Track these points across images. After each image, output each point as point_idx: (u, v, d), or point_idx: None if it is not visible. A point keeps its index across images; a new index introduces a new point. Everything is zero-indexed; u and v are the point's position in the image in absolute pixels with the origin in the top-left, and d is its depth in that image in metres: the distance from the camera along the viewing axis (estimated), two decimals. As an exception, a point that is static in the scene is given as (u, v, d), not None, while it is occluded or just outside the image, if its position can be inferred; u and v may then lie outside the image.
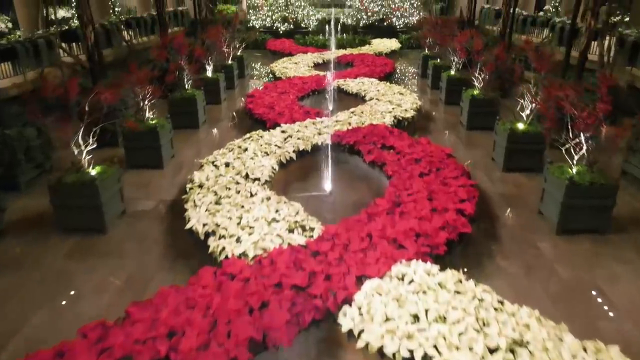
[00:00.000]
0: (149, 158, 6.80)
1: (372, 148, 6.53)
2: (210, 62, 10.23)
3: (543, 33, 14.39)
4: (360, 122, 7.64)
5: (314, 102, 10.08)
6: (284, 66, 12.61)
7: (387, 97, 9.17)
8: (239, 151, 6.46)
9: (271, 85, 10.19)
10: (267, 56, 16.82)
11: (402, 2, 18.46)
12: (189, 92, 8.64)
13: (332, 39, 17.32)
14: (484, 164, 6.99)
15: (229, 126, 8.94)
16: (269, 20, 18.91)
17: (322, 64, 13.89)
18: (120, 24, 13.70)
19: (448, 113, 9.65)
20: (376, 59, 13.51)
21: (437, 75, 11.37)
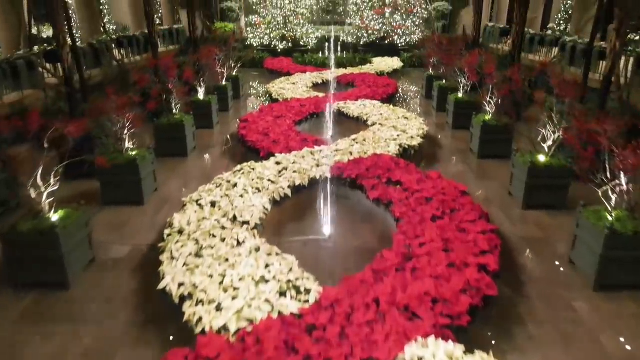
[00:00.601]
0: (127, 193, 6.11)
1: (376, 183, 5.84)
2: (202, 84, 9.60)
3: (552, 52, 13.81)
4: (363, 152, 6.97)
5: (313, 126, 9.43)
6: (281, 87, 11.99)
7: (391, 122, 8.51)
8: (227, 186, 5.76)
9: (267, 109, 9.54)
10: (264, 75, 16.24)
11: (404, 20, 17.94)
12: (176, 117, 7.98)
13: (331, 57, 16.78)
14: (500, 199, 6.29)
15: (220, 154, 8.25)
16: (266, 39, 18.38)
17: (321, 85, 13.28)
18: (110, 43, 13.13)
19: (456, 139, 8.98)
20: (378, 79, 12.90)
21: (443, 97, 10.74)
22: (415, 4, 18.05)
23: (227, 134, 9.39)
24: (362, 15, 18.20)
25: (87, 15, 12.99)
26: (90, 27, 13.08)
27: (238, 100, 12.40)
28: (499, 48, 17.12)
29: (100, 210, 5.97)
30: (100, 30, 13.60)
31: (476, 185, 6.74)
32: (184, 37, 19.96)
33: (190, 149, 8.18)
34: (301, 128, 9.17)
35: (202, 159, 8.03)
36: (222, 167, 7.46)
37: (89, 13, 12.96)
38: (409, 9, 17.88)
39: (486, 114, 7.91)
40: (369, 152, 6.95)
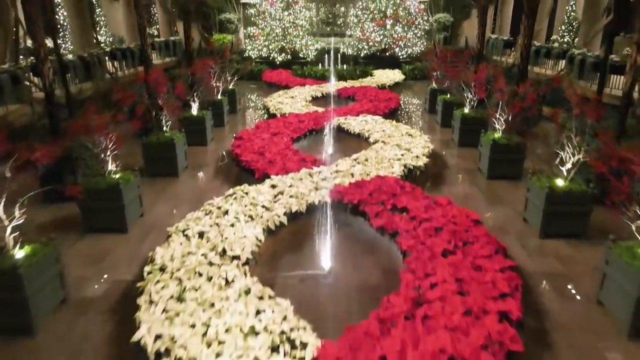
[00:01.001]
0: (109, 220, 5.62)
1: (380, 210, 5.36)
2: (196, 99, 9.16)
3: (558, 65, 13.41)
4: (365, 173, 6.49)
5: (311, 144, 8.97)
6: (279, 101, 11.55)
7: (394, 140, 8.05)
8: (217, 213, 5.27)
9: (263, 125, 9.08)
10: (262, 88, 15.84)
11: (405, 32, 17.58)
12: (167, 134, 7.52)
13: (331, 70, 16.38)
14: (515, 227, 5.80)
15: (214, 174, 7.76)
16: (265, 51, 18.00)
17: (321, 98, 12.85)
18: (103, 55, 12.73)
19: (463, 157, 8.50)
20: (379, 92, 12.47)
21: (447, 112, 10.30)
22: (416, 16, 17.69)
23: (222, 151, 8.92)
24: (363, 26, 17.84)
25: (79, 27, 12.59)
26: (82, 40, 12.67)
27: (234, 115, 11.95)
28: (503, 60, 16.76)
29: (79, 239, 5.47)
30: (92, 42, 13.17)
31: (487, 210, 6.25)
32: (181, 49, 19.63)
33: (182, 169, 7.70)
34: (299, 146, 8.71)
35: (193, 179, 7.55)
36: (214, 189, 6.99)
37: (80, 25, 12.56)
38: (410, 20, 17.52)
39: (495, 132, 7.45)
40: (372, 173, 6.47)
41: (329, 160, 7.64)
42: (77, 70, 10.92)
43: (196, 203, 6.22)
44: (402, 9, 17.35)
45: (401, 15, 17.33)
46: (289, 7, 17.60)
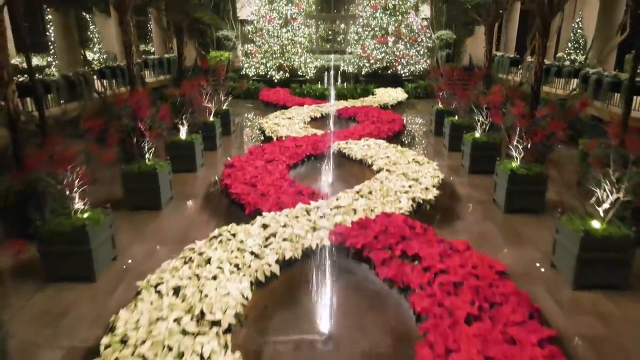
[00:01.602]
0: (75, 267, 4.86)
1: (387, 256, 4.61)
2: (185, 122, 8.47)
3: (569, 84, 12.77)
4: (369, 209, 5.76)
5: (309, 171, 8.25)
6: (276, 122, 10.87)
7: (400, 168, 7.34)
8: (199, 261, 4.53)
9: (257, 150, 8.37)
10: (259, 107, 15.20)
11: (408, 49, 17.00)
12: (149, 163, 6.80)
13: (331, 88, 15.77)
14: (542, 274, 5.05)
15: (201, 206, 7.01)
16: (262, 68, 17.40)
17: (320, 119, 12.19)
18: (91, 74, 12.08)
19: (476, 186, 7.78)
20: (382, 113, 11.80)
21: (456, 135, 9.61)
22: (419, 33, 17.13)
23: (212, 178, 8.19)
24: (364, 44, 17.27)
25: (66, 45, 11.97)
26: (69, 58, 12.03)
27: (228, 137, 11.26)
28: (509, 78, 16.16)
29: (38, 290, 4.71)
30: (80, 60, 12.55)
31: (509, 253, 5.50)
32: (176, 66, 19.09)
33: (165, 201, 6.96)
34: (296, 173, 8.01)
35: (178, 213, 6.80)
36: (201, 224, 6.26)
37: (67, 42, 11.94)
38: (413, 37, 16.96)
39: (512, 161, 6.73)
40: (377, 209, 5.74)
41: (328, 191, 6.93)
42: (60, 90, 10.25)
43: (178, 242, 5.51)
44: (404, 25, 16.78)
45: (403, 33, 16.76)
46: (287, 24, 17.05)
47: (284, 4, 16.81)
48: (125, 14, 8.49)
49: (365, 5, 17.38)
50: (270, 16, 16.87)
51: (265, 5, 17.00)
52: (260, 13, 17.11)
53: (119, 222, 6.26)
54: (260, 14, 17.08)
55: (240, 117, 14.06)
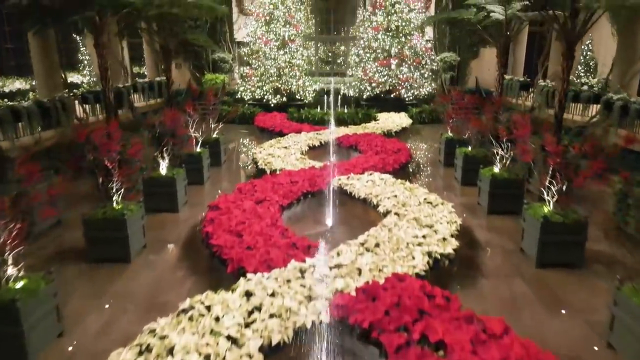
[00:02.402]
0: (3, 352, 3.82)
1: (403, 342, 3.56)
2: (165, 155, 7.50)
3: (588, 110, 11.86)
4: (376, 268, 4.74)
5: (305, 213, 7.26)
6: (270, 153, 9.90)
7: (411, 210, 6.33)
8: (158, 350, 3.47)
9: (247, 188, 7.37)
10: (254, 133, 14.28)
11: (411, 72, 16.16)
12: (117, 207, 5.79)
13: (331, 113, 14.87)
14: (592, 351, 3.99)
15: (178, 259, 5.96)
16: (259, 92, 16.52)
17: (319, 148, 11.23)
18: (71, 99, 11.18)
19: (497, 231, 6.75)
20: (386, 141, 10.84)
21: (469, 168, 8.65)
22: (423, 55, 16.31)
23: (195, 219, 7.17)
24: (365, 66, 16.44)
25: (44, 69, 11.07)
26: (48, 82, 11.12)
27: (218, 169, 10.27)
28: (519, 102, 15.29)
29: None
30: (60, 84, 11.65)
31: (550, 325, 4.45)
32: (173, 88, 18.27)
33: (136, 251, 5.93)
34: (290, 215, 7.01)
35: (150, 267, 5.73)
36: (174, 284, 5.23)
37: (46, 66, 11.04)
38: (417, 60, 16.13)
39: (544, 205, 5.73)
40: (386, 269, 4.71)
41: (327, 239, 5.92)
42: (32, 118, 9.30)
43: (145, 310, 4.55)
44: (407, 47, 15.97)
45: (407, 55, 15.93)
46: (285, 46, 16.24)
47: (281, 26, 16.02)
48: (101, 35, 7.61)
49: (367, 27, 16.61)
50: (266, 38, 16.06)
51: (262, 27, 16.21)
52: (256, 35, 16.31)
53: (75, 281, 5.27)
54: (257, 35, 16.28)
55: (234, 143, 13.12)
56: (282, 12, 16.02)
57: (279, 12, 15.98)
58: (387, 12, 16.02)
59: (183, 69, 21.01)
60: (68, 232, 6.63)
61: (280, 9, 16.00)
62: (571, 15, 7.85)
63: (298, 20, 16.49)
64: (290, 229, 5.90)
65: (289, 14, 16.17)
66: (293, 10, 16.28)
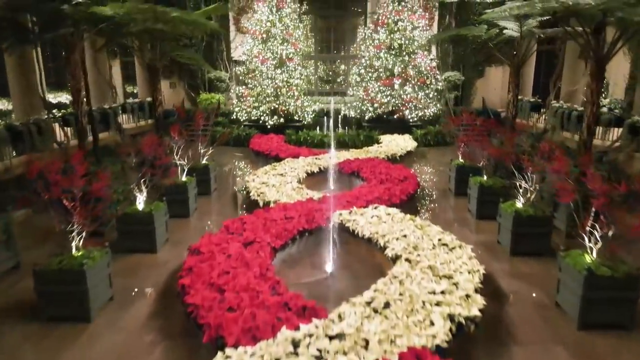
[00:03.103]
0: None
1: None
2: (143, 189, 6.60)
3: (609, 134, 11.02)
4: (388, 339, 3.80)
5: (301, 257, 6.34)
6: (264, 181, 8.99)
7: (424, 255, 5.40)
8: None
9: (235, 225, 6.45)
10: (249, 157, 13.42)
11: (416, 92, 15.36)
12: (76, 256, 4.87)
13: (331, 136, 14.04)
14: None
15: (150, 316, 5.02)
16: (255, 113, 15.70)
17: (318, 174, 10.33)
18: (50, 122, 10.34)
19: (525, 279, 5.80)
20: (391, 168, 9.95)
21: (486, 200, 7.78)
22: (427, 74, 15.54)
23: (176, 261, 6.24)
24: (367, 86, 15.65)
25: (21, 89, 10.24)
26: (24, 103, 10.28)
27: (208, 198, 9.37)
28: (530, 124, 14.48)
29: None
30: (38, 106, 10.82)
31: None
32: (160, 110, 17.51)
33: (99, 307, 4.99)
34: (284, 257, 6.09)
35: (112, 330, 4.75)
36: (140, 352, 4.29)
37: (22, 86, 10.22)
38: (421, 79, 15.35)
39: (585, 253, 4.81)
40: (400, 340, 3.77)
41: (326, 292, 5.00)
42: (2, 143, 8.44)
43: None
44: (411, 66, 15.20)
45: (411, 75, 15.15)
46: (283, 65, 15.47)
47: (278, 44, 15.28)
48: (73, 52, 6.77)
49: (368, 45, 15.88)
50: (263, 56, 15.31)
51: (259, 45, 15.46)
52: (252, 53, 15.56)
53: (22, 345, 4.32)
54: (253, 53, 15.53)
55: (228, 167, 12.25)
56: (280, 30, 15.30)
57: (276, 29, 15.26)
58: (389, 29, 15.29)
59: (178, 89, 20.29)
60: (25, 279, 5.69)
61: (278, 26, 15.28)
62: (595, 32, 7.06)
63: (296, 38, 15.76)
64: (284, 278, 4.98)
65: (287, 31, 15.44)
66: (291, 28, 15.56)
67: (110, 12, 6.87)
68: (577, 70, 13.69)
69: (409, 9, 15.29)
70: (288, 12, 15.51)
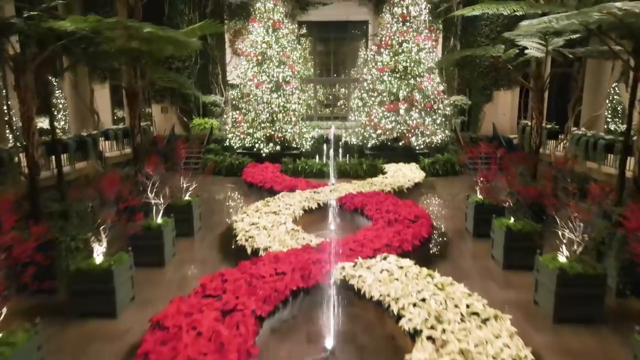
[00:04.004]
0: None
1: None
2: (102, 239, 5.41)
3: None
4: None
5: (295, 326, 5.11)
6: (254, 222, 7.79)
7: (451, 331, 4.18)
8: None
9: (214, 285, 5.22)
10: (242, 189, 12.27)
11: (422, 118, 14.27)
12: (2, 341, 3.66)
13: (331, 165, 12.92)
14: None
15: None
16: (249, 140, 14.59)
17: (316, 211, 9.14)
18: (16, 151, 9.22)
19: (580, 357, 4.57)
20: (399, 204, 8.75)
21: (515, 246, 6.64)
22: (435, 98, 14.49)
23: (141, 328, 4.99)
24: (370, 111, 14.57)
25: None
26: None
27: (190, 240, 8.17)
28: (547, 152, 13.35)
29: None
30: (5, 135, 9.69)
31: None
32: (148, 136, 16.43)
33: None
34: (273, 326, 4.88)
35: None
36: None
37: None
38: (428, 104, 14.29)
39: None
40: None
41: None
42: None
43: None
44: (417, 90, 14.15)
45: (417, 99, 14.10)
46: (279, 89, 14.43)
47: (274, 66, 14.26)
48: (23, 75, 5.66)
49: (371, 68, 14.87)
50: (258, 80, 14.27)
51: (254, 67, 14.44)
52: (247, 75, 14.53)
53: None
54: (248, 76, 14.50)
55: (218, 200, 11.07)
56: (276, 52, 14.30)
57: (272, 51, 14.26)
58: (394, 51, 14.31)
59: (170, 113, 19.23)
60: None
61: (274, 47, 14.28)
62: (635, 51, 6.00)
63: (294, 60, 14.76)
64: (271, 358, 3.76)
65: (284, 53, 14.44)
66: (288, 50, 14.57)
67: (72, 26, 5.79)
68: (598, 93, 12.63)
69: (415, 29, 14.33)
70: (285, 32, 14.55)
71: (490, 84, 17.95)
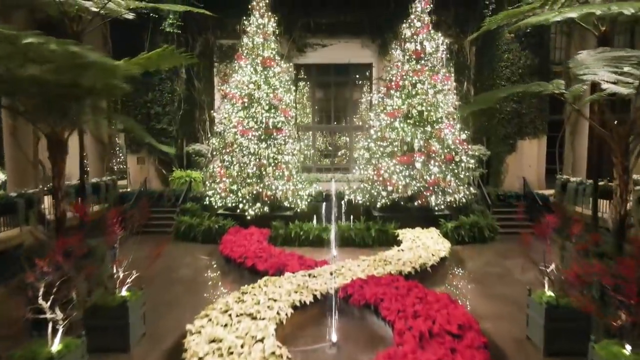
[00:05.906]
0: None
1: None
2: None
3: None
4: None
5: None
6: (216, 336, 5.10)
7: None
8: None
9: None
10: (217, 263, 9.59)
11: (443, 172, 11.79)
12: None
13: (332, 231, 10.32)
14: None
15: None
16: (232, 199, 12.03)
17: (310, 308, 6.48)
18: None
19: None
20: (430, 301, 6.10)
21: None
22: (457, 149, 12.07)
23: None
24: (378, 164, 12.11)
25: None
26: None
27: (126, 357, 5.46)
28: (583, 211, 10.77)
29: None
30: None
31: None
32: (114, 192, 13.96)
33: None
34: None
35: None
36: None
37: None
38: (448, 156, 11.86)
39: None
40: None
41: None
42: None
43: None
44: (435, 139, 11.76)
45: (435, 149, 11.68)
46: (269, 137, 12.04)
47: (263, 110, 11.91)
48: None
49: (379, 112, 12.52)
50: (244, 126, 11.89)
51: (239, 112, 12.10)
52: (231, 121, 12.17)
53: None
54: (232, 122, 12.14)
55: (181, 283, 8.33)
56: (265, 93, 11.98)
57: (261, 92, 11.95)
58: (406, 93, 12.02)
59: (147, 165, 16.77)
60: None
61: (264, 88, 11.99)
62: None
63: (287, 104, 12.43)
64: None
65: (275, 95, 12.12)
66: (281, 91, 12.27)
67: None
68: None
69: (430, 68, 12.10)
70: (277, 71, 12.30)
71: (513, 132, 15.68)
